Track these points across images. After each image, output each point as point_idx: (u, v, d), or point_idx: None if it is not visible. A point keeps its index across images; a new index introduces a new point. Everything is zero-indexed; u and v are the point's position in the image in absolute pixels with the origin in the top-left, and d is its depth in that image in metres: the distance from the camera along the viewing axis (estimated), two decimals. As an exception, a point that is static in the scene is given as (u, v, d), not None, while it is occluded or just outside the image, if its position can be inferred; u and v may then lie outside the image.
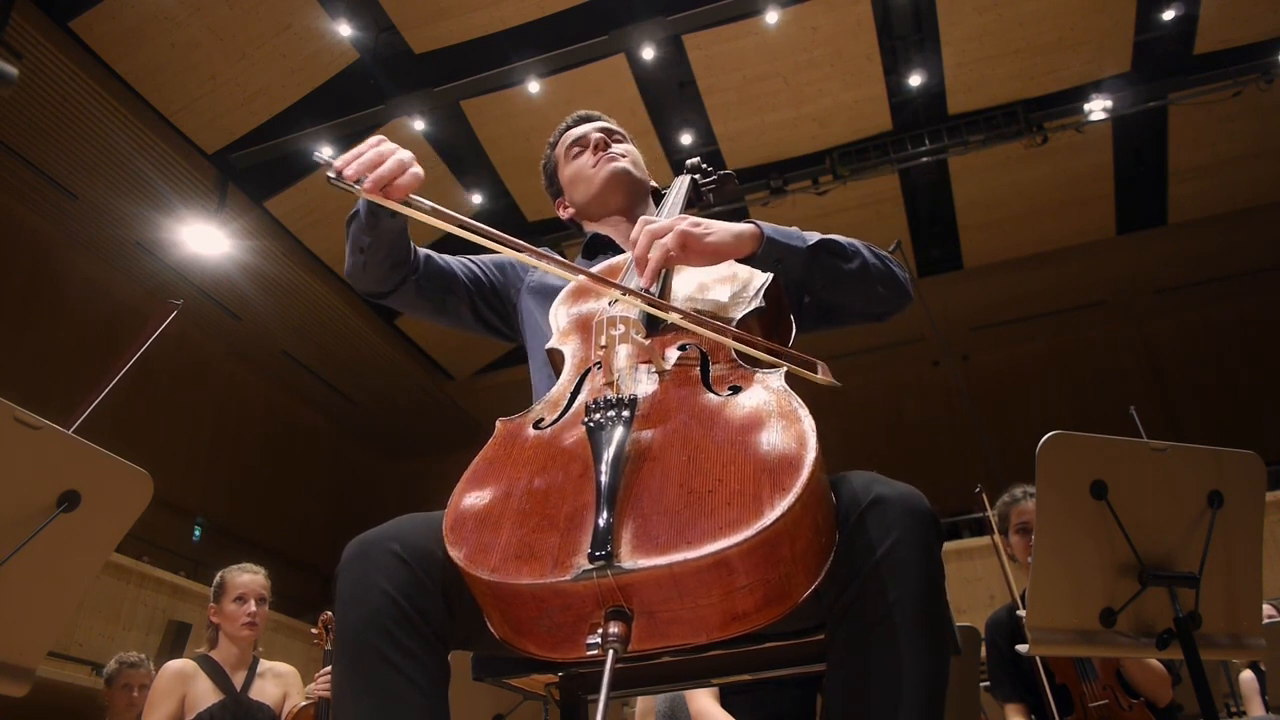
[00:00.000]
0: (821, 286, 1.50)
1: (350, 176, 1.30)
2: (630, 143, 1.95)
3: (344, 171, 1.30)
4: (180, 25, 9.16)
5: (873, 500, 1.09)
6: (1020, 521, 3.06)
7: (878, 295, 1.53)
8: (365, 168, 1.31)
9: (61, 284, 10.98)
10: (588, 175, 1.86)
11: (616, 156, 1.85)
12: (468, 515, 1.07)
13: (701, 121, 10.98)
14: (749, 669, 1.30)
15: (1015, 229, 12.57)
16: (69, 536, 1.59)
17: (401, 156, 1.34)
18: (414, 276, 1.67)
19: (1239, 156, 11.48)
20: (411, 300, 1.69)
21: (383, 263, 1.58)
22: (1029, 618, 1.80)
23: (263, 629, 3.39)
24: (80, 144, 9.75)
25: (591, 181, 1.85)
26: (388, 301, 1.68)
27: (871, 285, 1.52)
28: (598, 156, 1.86)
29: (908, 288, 1.57)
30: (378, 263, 1.57)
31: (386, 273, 1.61)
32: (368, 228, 1.51)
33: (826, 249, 1.49)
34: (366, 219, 1.49)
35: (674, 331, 1.32)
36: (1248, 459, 1.89)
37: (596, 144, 1.87)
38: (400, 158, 1.34)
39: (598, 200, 1.85)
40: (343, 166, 1.31)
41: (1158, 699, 2.79)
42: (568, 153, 1.92)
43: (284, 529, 13.98)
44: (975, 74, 10.42)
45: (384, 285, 1.64)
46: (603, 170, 1.83)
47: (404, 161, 1.34)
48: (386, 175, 1.31)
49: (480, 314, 1.78)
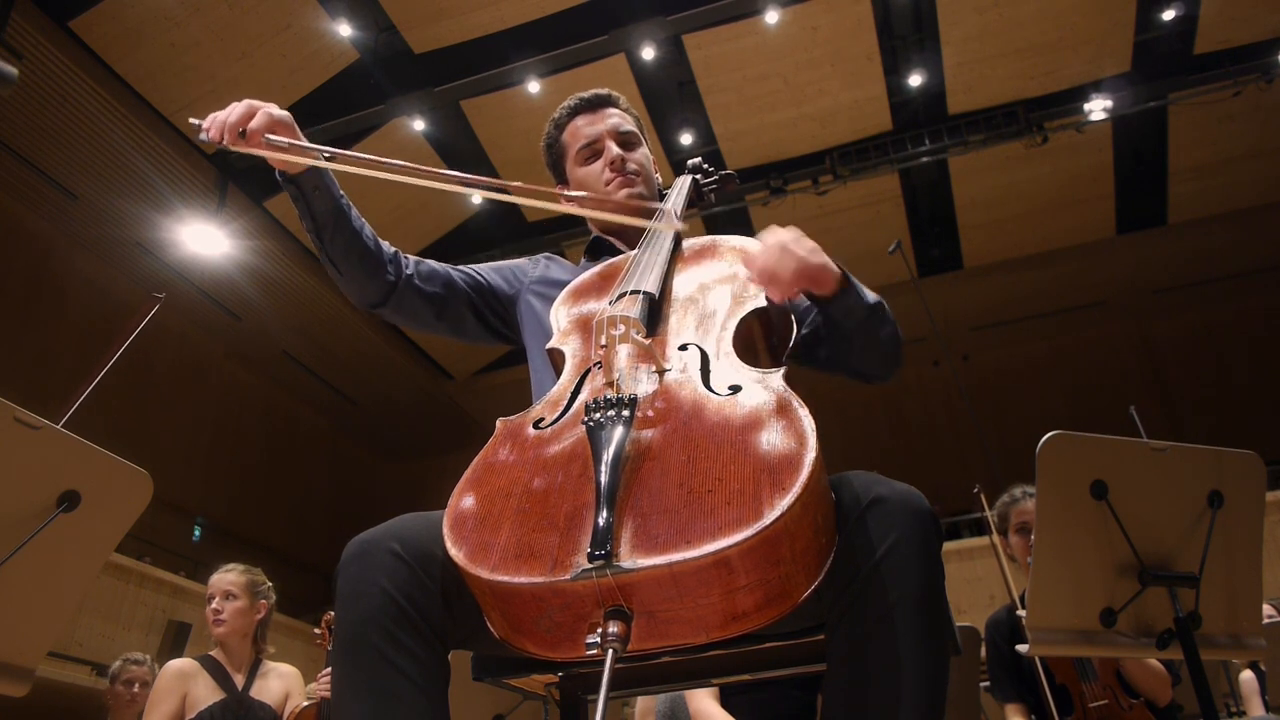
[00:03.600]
0: (849, 339, 1.47)
1: (214, 137, 1.37)
2: (643, 139, 1.86)
3: (209, 132, 1.37)
4: (180, 25, 9.17)
5: (872, 500, 1.09)
6: (1020, 521, 3.05)
7: (883, 358, 1.50)
8: (219, 122, 1.37)
9: (61, 284, 10.97)
10: (602, 191, 1.76)
11: (633, 179, 1.75)
12: (468, 515, 1.07)
13: (701, 121, 10.98)
14: (749, 669, 1.30)
15: (1015, 229, 12.57)
16: (69, 536, 1.59)
17: (251, 102, 1.39)
18: (407, 277, 1.65)
19: (1239, 156, 11.49)
20: (411, 305, 1.67)
21: (347, 257, 1.57)
22: (1029, 618, 1.80)
23: (237, 626, 3.33)
24: (80, 144, 9.75)
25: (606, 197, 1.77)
26: (387, 312, 1.67)
27: (885, 351, 1.49)
28: (613, 176, 1.75)
29: (900, 358, 1.53)
30: (342, 257, 1.57)
31: (361, 271, 1.60)
32: (302, 215, 1.53)
33: (879, 313, 1.45)
34: (297, 207, 1.52)
35: (675, 332, 1.32)
36: (1248, 459, 1.89)
37: (613, 162, 1.75)
38: (249, 103, 1.39)
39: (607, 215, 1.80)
40: (208, 125, 1.37)
41: (1158, 699, 2.79)
42: (578, 154, 1.79)
43: (284, 529, 13.98)
44: (975, 74, 10.43)
45: (373, 289, 1.62)
46: (618, 192, 1.74)
47: (252, 105, 1.38)
48: (235, 120, 1.36)
49: (482, 316, 1.75)
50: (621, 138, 1.80)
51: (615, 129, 1.80)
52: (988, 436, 12.71)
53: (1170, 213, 12.57)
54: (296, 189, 1.49)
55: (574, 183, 1.82)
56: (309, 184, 1.49)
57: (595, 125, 1.81)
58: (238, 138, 1.35)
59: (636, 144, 1.83)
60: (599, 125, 1.80)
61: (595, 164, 1.78)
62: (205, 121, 1.36)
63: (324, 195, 1.51)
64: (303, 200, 1.50)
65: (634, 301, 1.33)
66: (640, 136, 1.86)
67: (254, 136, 1.36)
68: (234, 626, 3.34)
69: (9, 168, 9.92)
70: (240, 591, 3.38)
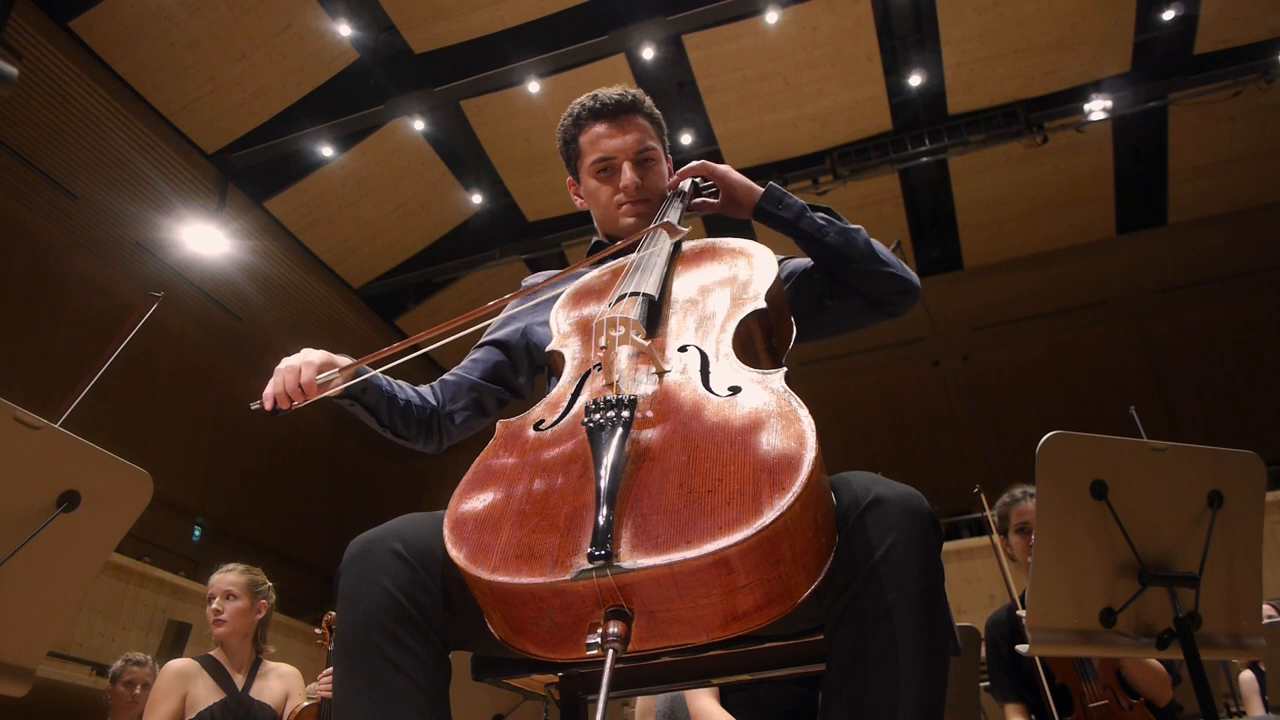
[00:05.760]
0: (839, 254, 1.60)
1: (282, 405, 1.46)
2: (663, 150, 1.84)
3: (269, 404, 1.47)
4: (180, 25, 9.17)
5: (872, 501, 1.09)
6: (1020, 522, 3.05)
7: (879, 267, 1.60)
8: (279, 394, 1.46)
9: (61, 284, 10.97)
10: (611, 215, 1.78)
11: (642, 210, 1.75)
12: (468, 516, 1.08)
13: (701, 121, 10.98)
14: (749, 669, 1.30)
15: (1015, 229, 12.57)
16: (69, 536, 1.59)
17: (291, 362, 1.47)
18: (446, 415, 1.72)
19: (1239, 156, 11.49)
20: (466, 425, 1.76)
21: (406, 426, 1.67)
22: (1029, 618, 1.80)
23: (237, 626, 3.33)
24: (80, 144, 9.75)
25: (613, 222, 1.79)
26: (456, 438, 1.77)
27: (870, 254, 1.60)
28: (625, 203, 1.75)
29: (911, 275, 1.63)
30: (403, 426, 1.66)
31: (423, 432, 1.70)
32: (359, 414, 1.62)
33: (839, 217, 1.64)
34: (353, 410, 1.60)
35: (674, 333, 1.33)
36: (1248, 459, 1.89)
37: (626, 188, 1.74)
38: (289, 364, 1.47)
39: (612, 229, 1.81)
40: (265, 402, 1.47)
41: (1158, 699, 2.79)
42: (593, 165, 1.78)
43: (284, 529, 13.98)
44: (975, 74, 10.43)
45: (428, 438, 1.72)
46: (625, 222, 1.75)
47: (293, 366, 1.46)
48: (289, 385, 1.45)
49: (519, 368, 1.79)
50: (640, 156, 1.77)
51: (635, 147, 1.77)
52: (988, 436, 12.72)
53: (1170, 213, 12.57)
54: (349, 397, 1.57)
55: (584, 189, 1.83)
56: (357, 388, 1.56)
57: (615, 139, 1.77)
58: (298, 393, 1.45)
59: (656, 161, 1.80)
60: (618, 140, 1.77)
61: (607, 184, 1.77)
62: (265, 401, 1.47)
63: (372, 390, 1.59)
64: (357, 403, 1.59)
65: (634, 303, 1.34)
66: (660, 151, 1.83)
67: (309, 388, 1.45)
68: (234, 627, 3.34)
69: (9, 168, 9.92)
70: (240, 591, 3.37)
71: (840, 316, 1.67)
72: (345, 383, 1.51)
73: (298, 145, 10.58)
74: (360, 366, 1.52)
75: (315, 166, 11.03)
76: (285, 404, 1.46)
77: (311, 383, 1.45)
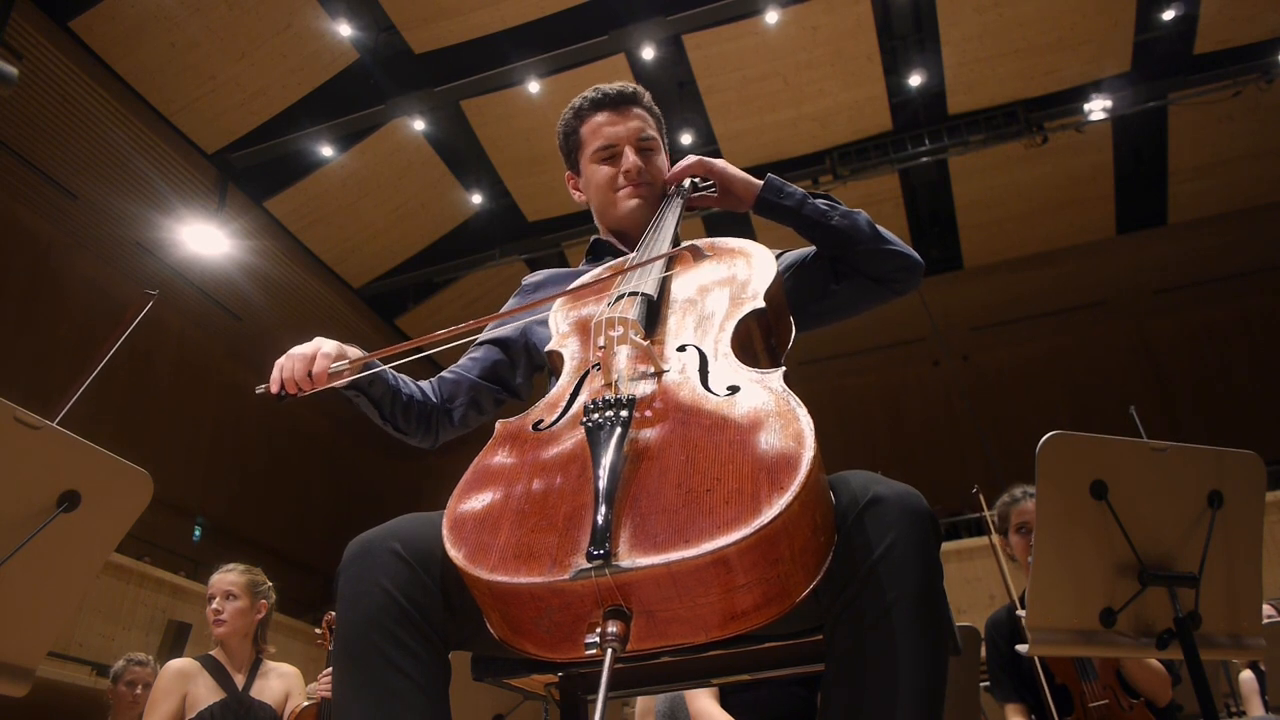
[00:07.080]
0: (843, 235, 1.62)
1: (290, 390, 1.45)
2: (662, 143, 1.86)
3: (275, 388, 1.46)
4: (180, 25, 9.17)
5: (871, 500, 1.09)
6: (1020, 522, 3.05)
7: (884, 245, 1.63)
8: (287, 379, 1.45)
9: (61, 284, 10.98)
10: (610, 199, 1.78)
11: (644, 193, 1.77)
12: (467, 516, 1.08)
13: (701, 121, 10.99)
14: (748, 669, 1.30)
15: (1015, 229, 12.57)
16: (69, 536, 1.59)
17: (304, 350, 1.46)
18: (445, 411, 1.74)
19: (1239, 156, 11.49)
20: (464, 421, 1.77)
21: (408, 420, 1.68)
22: (1029, 618, 1.80)
23: (237, 626, 3.33)
24: (80, 144, 9.75)
25: (613, 205, 1.79)
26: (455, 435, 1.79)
27: (875, 234, 1.63)
28: (626, 186, 1.77)
29: (914, 252, 1.67)
30: (405, 421, 1.67)
31: (423, 427, 1.72)
32: (364, 407, 1.62)
33: (825, 197, 1.67)
34: (358, 403, 1.61)
35: (673, 333, 1.33)
36: (1248, 459, 1.89)
37: (628, 171, 1.76)
38: (302, 351, 1.46)
39: (612, 220, 1.81)
40: (272, 386, 1.46)
41: (1158, 699, 2.79)
42: (595, 153, 1.79)
43: (284, 529, 13.98)
44: (975, 74, 10.43)
45: (425, 433, 1.73)
46: (626, 205, 1.76)
47: (306, 354, 1.45)
48: (299, 373, 1.44)
49: (517, 365, 1.79)
50: (641, 144, 1.79)
51: (636, 135, 1.79)
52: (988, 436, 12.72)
53: (1170, 213, 12.58)
54: (356, 390, 1.58)
55: (585, 177, 1.83)
56: (364, 381, 1.57)
57: (617, 127, 1.79)
58: (307, 380, 1.45)
59: (655, 151, 1.82)
60: (620, 127, 1.79)
61: (609, 167, 1.79)
62: (273, 385, 1.45)
63: (379, 384, 1.60)
64: (363, 395, 1.59)
65: (632, 303, 1.33)
66: (660, 142, 1.85)
67: (320, 378, 1.45)
68: (234, 626, 3.34)
69: (9, 167, 9.92)
70: (241, 591, 3.37)
71: (847, 299, 1.67)
72: (354, 375, 1.51)
73: (298, 145, 10.59)
74: (370, 360, 1.53)
75: (315, 166, 11.04)
76: (293, 390, 1.45)
77: (323, 372, 1.45)
